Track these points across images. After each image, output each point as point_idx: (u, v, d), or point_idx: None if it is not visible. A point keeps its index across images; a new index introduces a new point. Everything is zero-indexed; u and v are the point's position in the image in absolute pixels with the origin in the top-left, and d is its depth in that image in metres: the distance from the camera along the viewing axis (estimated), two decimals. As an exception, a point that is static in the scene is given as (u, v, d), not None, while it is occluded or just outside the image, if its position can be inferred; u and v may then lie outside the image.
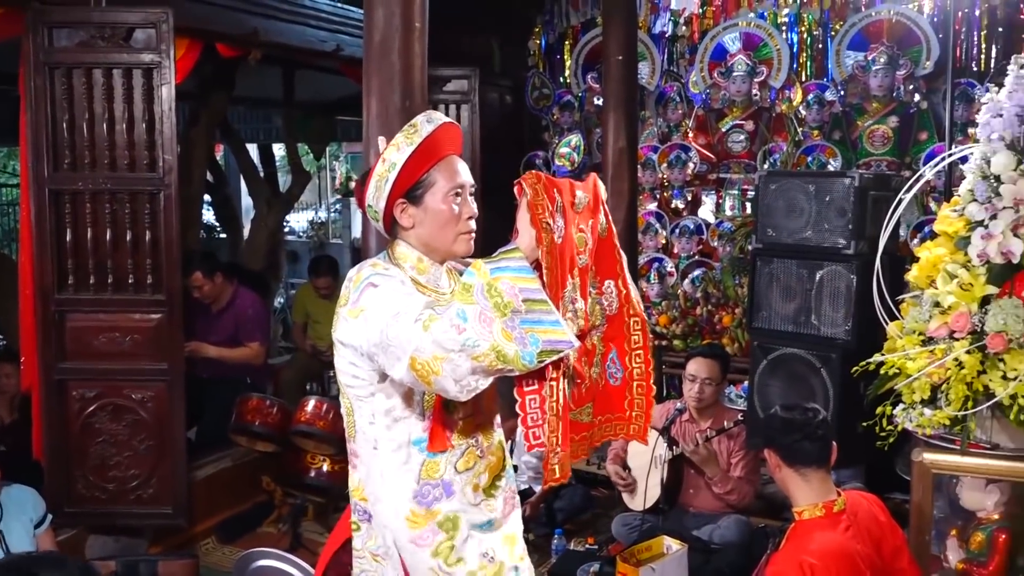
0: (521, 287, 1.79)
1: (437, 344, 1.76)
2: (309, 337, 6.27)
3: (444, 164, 2.07)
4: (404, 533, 2.07)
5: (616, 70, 5.35)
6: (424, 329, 1.77)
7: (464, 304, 1.77)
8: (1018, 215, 2.60)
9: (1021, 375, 2.52)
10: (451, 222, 2.07)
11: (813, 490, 2.56)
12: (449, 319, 1.76)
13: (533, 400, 1.97)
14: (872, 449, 2.91)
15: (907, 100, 5.91)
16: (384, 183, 2.03)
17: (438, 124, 2.03)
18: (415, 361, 1.78)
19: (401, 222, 2.07)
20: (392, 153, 2.02)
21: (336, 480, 4.74)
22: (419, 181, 2.04)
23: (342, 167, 14.87)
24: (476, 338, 1.75)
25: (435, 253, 2.11)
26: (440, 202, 2.05)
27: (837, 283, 3.82)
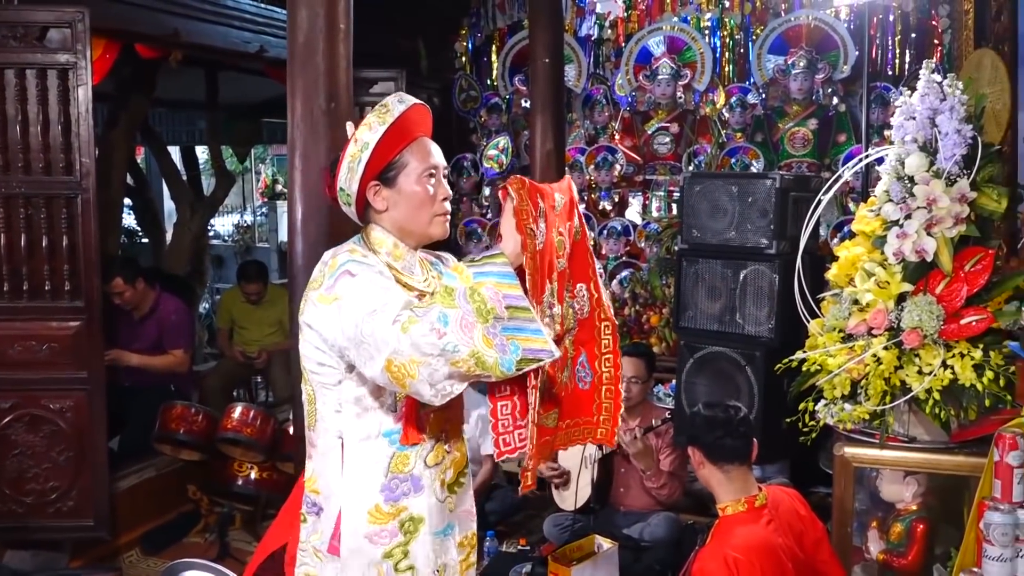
0: (504, 293, 1.78)
1: (415, 347, 1.73)
2: (235, 343, 6.17)
3: (417, 145, 2.03)
4: (361, 527, 2.00)
5: (543, 73, 5.38)
6: (403, 331, 1.74)
7: (446, 307, 1.75)
8: (931, 214, 2.68)
9: (935, 370, 2.60)
10: (426, 203, 2.03)
11: (735, 486, 2.62)
12: (429, 322, 1.73)
13: (505, 407, 1.97)
14: (796, 444, 2.97)
15: (826, 103, 6.06)
16: (357, 164, 1.98)
17: (410, 104, 2.00)
18: (391, 363, 1.75)
19: (375, 205, 2.03)
20: (364, 133, 1.98)
21: (264, 487, 4.68)
22: (392, 162, 2.00)
23: (268, 170, 14.65)
24: (456, 343, 1.73)
25: (410, 237, 2.07)
26: (414, 183, 2.02)
27: (760, 282, 3.89)
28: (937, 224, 2.68)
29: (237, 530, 4.70)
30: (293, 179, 3.27)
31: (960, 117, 2.70)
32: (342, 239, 3.22)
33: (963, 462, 2.68)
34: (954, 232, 2.69)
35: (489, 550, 4.18)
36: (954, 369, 2.60)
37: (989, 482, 2.25)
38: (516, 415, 1.98)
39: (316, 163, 3.18)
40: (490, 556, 4.15)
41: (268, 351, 6.00)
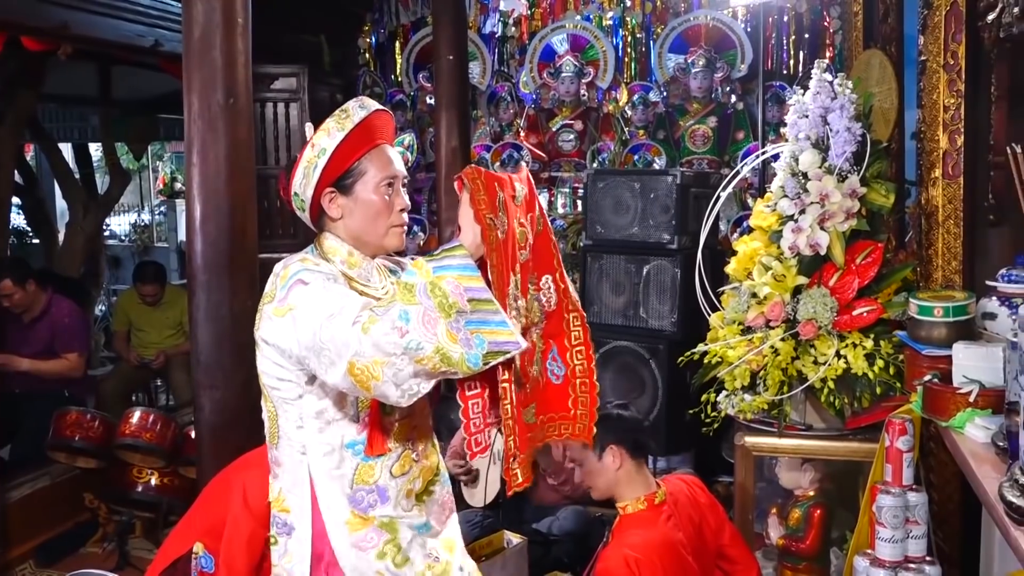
0: (466, 286, 1.73)
1: (377, 348, 1.68)
2: (133, 346, 5.98)
3: (376, 153, 1.98)
4: (345, 538, 1.96)
5: (447, 70, 5.36)
6: (363, 332, 1.68)
7: (406, 304, 1.69)
8: (824, 209, 2.77)
9: (830, 359, 2.69)
10: (383, 214, 1.98)
11: (639, 483, 2.66)
12: (390, 321, 1.68)
13: (476, 405, 1.90)
14: (699, 435, 3.04)
15: (725, 101, 6.19)
16: (313, 170, 1.92)
17: (371, 111, 1.95)
18: (353, 366, 1.70)
19: (330, 213, 1.97)
20: (322, 138, 1.93)
21: (166, 493, 4.55)
22: (349, 169, 1.95)
23: (166, 167, 14.24)
24: (420, 340, 1.67)
25: (365, 247, 2.01)
26: (371, 192, 1.96)
27: (663, 277, 3.96)
28: (829, 219, 2.77)
29: (137, 538, 4.56)
30: (191, 177, 3.18)
31: (850, 115, 2.79)
32: (242, 239, 3.19)
33: (857, 448, 2.77)
34: (845, 226, 2.78)
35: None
36: (847, 359, 2.69)
37: (880, 467, 2.34)
38: (486, 412, 1.92)
39: (215, 160, 3.11)
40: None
41: (167, 353, 5.84)
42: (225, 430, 3.19)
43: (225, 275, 3.16)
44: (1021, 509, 1.39)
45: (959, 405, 1.99)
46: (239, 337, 3.18)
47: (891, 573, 2.18)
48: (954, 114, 2.81)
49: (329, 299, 1.80)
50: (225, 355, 3.16)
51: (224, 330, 3.15)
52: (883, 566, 2.20)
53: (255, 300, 3.24)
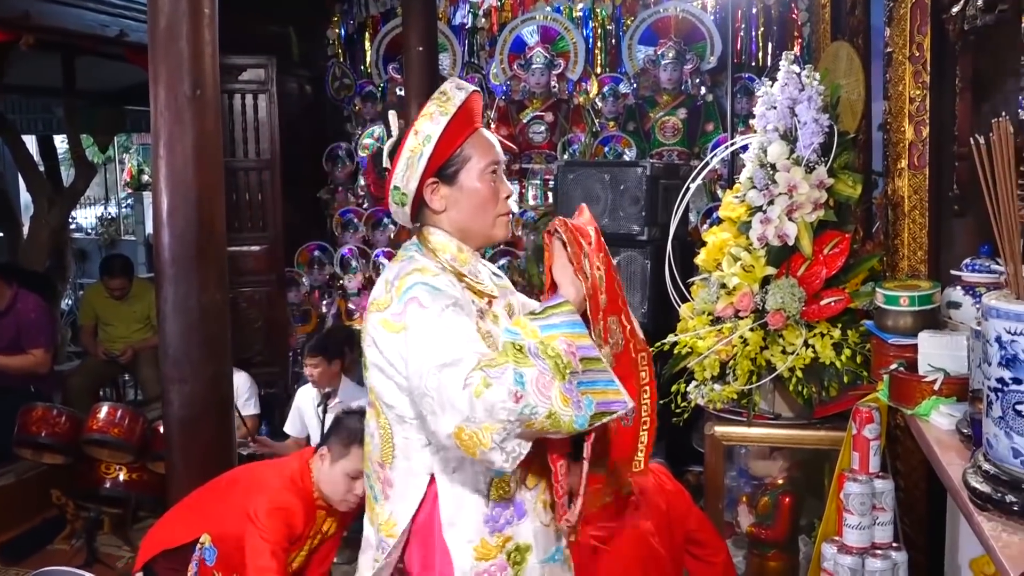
0: (578, 345, 1.64)
1: (490, 413, 1.57)
2: (101, 340, 5.92)
3: (477, 137, 1.86)
4: (468, 564, 1.81)
5: (417, 61, 5.35)
6: (476, 396, 1.57)
7: (520, 367, 1.58)
8: (792, 200, 2.78)
9: (798, 349, 2.71)
10: (490, 202, 1.86)
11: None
12: (506, 386, 1.57)
13: (563, 466, 1.81)
14: (670, 425, 3.05)
15: (694, 93, 6.23)
16: (418, 159, 1.79)
17: (470, 92, 1.83)
18: (462, 431, 1.59)
19: (432, 205, 1.85)
20: (426, 124, 1.79)
21: (135, 488, 4.51)
22: (453, 156, 1.82)
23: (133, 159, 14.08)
24: (535, 405, 1.58)
25: (472, 239, 1.89)
26: (476, 180, 1.84)
27: (633, 268, 3.98)
28: (797, 209, 2.79)
29: (106, 535, 4.52)
30: (158, 169, 3.15)
31: (818, 107, 2.81)
32: (211, 231, 3.17)
33: (824, 436, 2.80)
34: (813, 217, 2.80)
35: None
36: (815, 348, 2.71)
37: (848, 455, 2.36)
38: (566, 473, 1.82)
39: (182, 153, 3.09)
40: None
41: (135, 348, 5.79)
42: (194, 424, 3.17)
43: (193, 268, 3.13)
44: (985, 495, 1.41)
45: (924, 393, 2.01)
46: (208, 330, 3.16)
47: (858, 559, 2.21)
48: (919, 105, 2.84)
49: (445, 340, 1.66)
50: (194, 349, 3.14)
51: (192, 323, 3.13)
52: (850, 552, 2.22)
53: (224, 293, 3.24)
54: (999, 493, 1.39)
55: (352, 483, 2.78)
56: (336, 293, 6.64)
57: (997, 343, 1.35)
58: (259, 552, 2.61)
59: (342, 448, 2.78)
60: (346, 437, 2.79)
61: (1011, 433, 1.35)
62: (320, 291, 6.71)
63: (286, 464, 2.92)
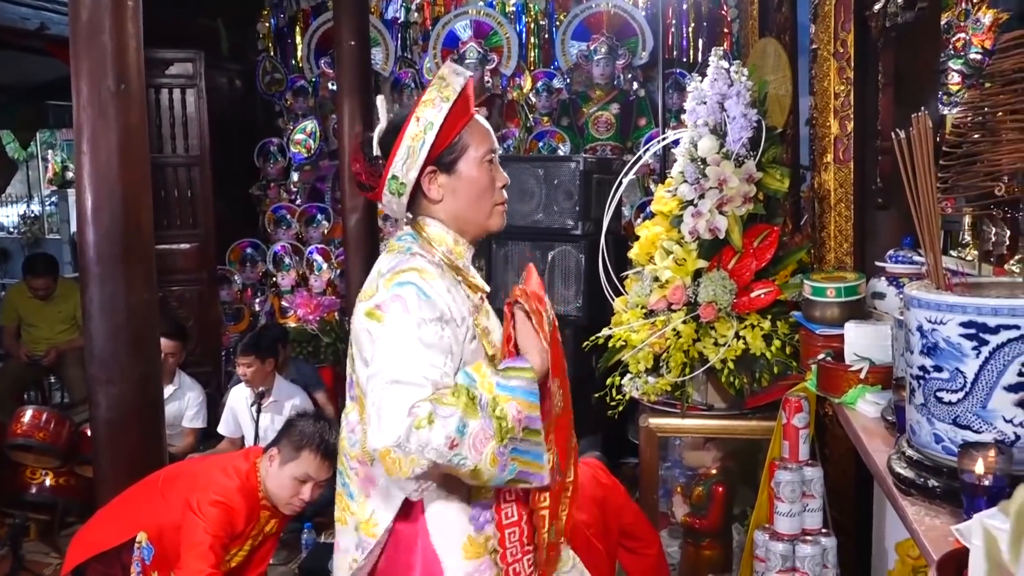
0: (526, 415, 1.64)
1: (422, 449, 1.57)
2: (24, 342, 5.75)
3: (474, 125, 1.82)
4: (459, 565, 1.79)
5: (349, 55, 5.29)
6: (416, 427, 1.56)
7: (466, 416, 1.58)
8: (722, 194, 2.82)
9: (729, 340, 2.75)
10: (488, 191, 1.83)
11: None
12: (446, 431, 1.56)
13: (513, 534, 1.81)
14: (605, 418, 3.08)
15: (627, 88, 6.27)
16: (420, 146, 1.74)
17: (467, 77, 1.79)
18: (389, 453, 1.58)
19: (430, 194, 1.81)
20: (428, 111, 1.74)
21: (62, 494, 4.39)
22: (451, 144, 1.78)
23: (56, 156, 13.69)
24: (464, 456, 1.59)
25: (468, 230, 1.85)
26: (474, 168, 1.81)
27: (567, 262, 4.00)
28: (728, 203, 2.83)
29: (32, 542, 4.39)
30: (82, 165, 3.07)
31: (746, 102, 2.85)
32: (137, 229, 3.09)
33: (756, 426, 2.85)
34: (743, 210, 2.85)
35: (307, 542, 4.11)
36: (746, 340, 2.76)
37: (778, 443, 2.41)
38: (524, 540, 1.82)
39: (106, 149, 3.01)
40: (308, 548, 4.08)
41: (59, 349, 5.64)
42: (122, 426, 3.10)
43: (120, 267, 3.06)
44: (908, 480, 1.45)
45: (851, 382, 2.05)
46: (135, 331, 3.09)
47: (789, 546, 2.25)
48: (844, 101, 2.91)
49: (410, 356, 1.64)
50: (121, 349, 3.07)
51: (120, 324, 3.05)
52: (781, 539, 2.27)
53: (152, 292, 3.17)
54: (922, 478, 1.42)
55: (300, 487, 2.75)
56: (269, 291, 6.56)
57: (919, 332, 1.39)
58: (197, 543, 2.56)
59: (292, 451, 2.75)
60: (298, 440, 2.75)
61: (932, 420, 1.38)
62: (253, 289, 6.61)
63: (231, 460, 2.87)
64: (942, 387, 1.36)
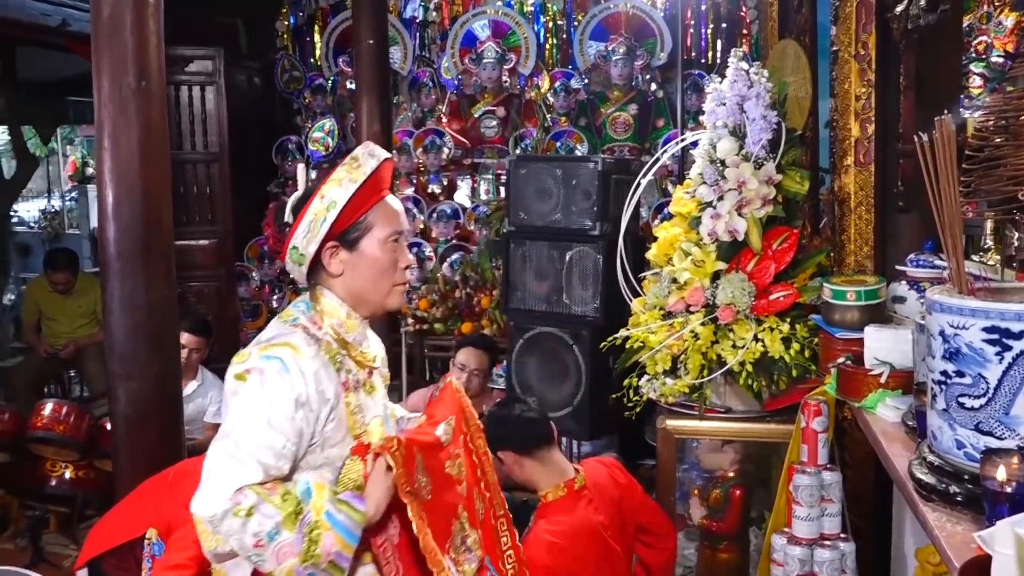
0: (337, 551, 1.70)
1: (230, 534, 1.65)
2: (44, 336, 5.80)
3: (383, 206, 1.86)
4: None
5: (368, 54, 5.30)
6: (234, 514, 1.64)
7: (283, 527, 1.66)
8: (741, 196, 2.82)
9: (748, 343, 2.74)
10: (388, 271, 1.86)
11: (552, 470, 2.65)
12: (257, 530, 1.65)
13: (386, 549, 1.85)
14: (622, 420, 3.07)
15: (645, 89, 6.26)
16: (320, 223, 1.78)
17: (381, 160, 1.84)
18: (201, 522, 1.68)
19: (330, 268, 1.84)
20: (333, 189, 1.79)
21: (81, 487, 4.43)
22: (356, 223, 1.82)
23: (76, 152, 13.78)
24: (264, 559, 1.67)
25: (365, 306, 1.89)
26: (377, 249, 1.84)
27: (585, 263, 3.98)
28: (747, 205, 2.82)
29: (52, 534, 4.43)
30: (102, 161, 3.09)
31: (766, 104, 2.85)
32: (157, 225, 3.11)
33: (774, 429, 2.84)
34: (762, 213, 2.84)
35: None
36: (765, 342, 2.75)
37: (797, 447, 2.40)
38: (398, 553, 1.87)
39: (127, 145, 3.02)
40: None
41: (78, 343, 5.68)
42: (141, 421, 3.11)
43: (140, 263, 3.07)
44: (929, 486, 1.44)
45: (871, 386, 2.05)
46: (155, 327, 3.11)
47: (807, 550, 2.25)
48: (865, 103, 2.89)
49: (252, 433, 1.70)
50: (140, 345, 3.09)
51: (139, 320, 3.07)
52: (799, 543, 2.26)
53: (171, 289, 3.19)
54: (943, 484, 1.42)
55: None
56: (287, 287, 6.58)
57: (941, 337, 1.38)
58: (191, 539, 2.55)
59: None
60: None
61: (954, 425, 1.38)
62: (270, 285, 6.64)
63: None
64: (964, 392, 1.35)
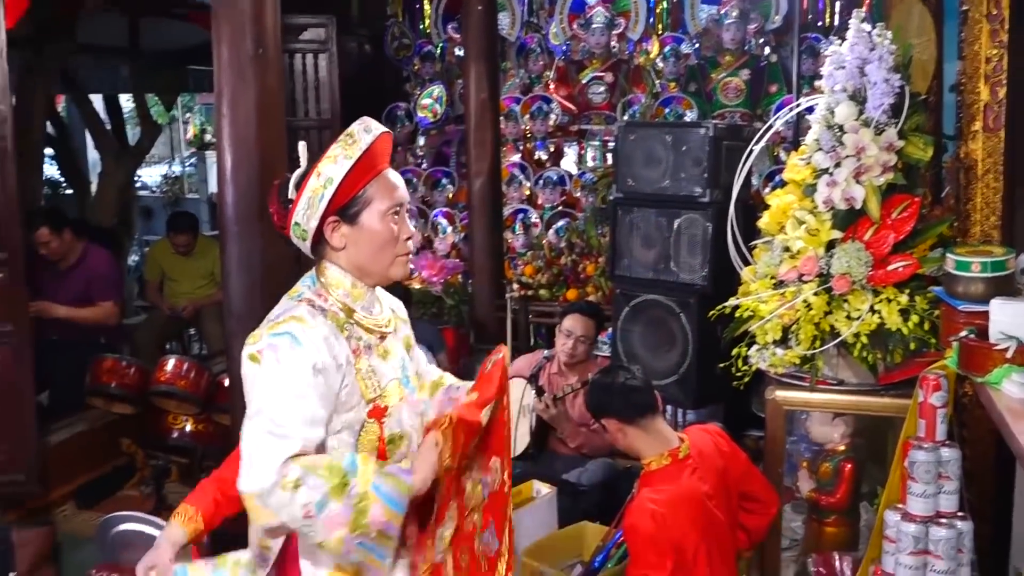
0: (385, 521, 1.75)
1: (280, 508, 1.69)
2: (165, 296, 6.06)
3: (381, 179, 1.90)
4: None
5: (476, 20, 5.32)
6: (281, 488, 1.68)
7: (331, 496, 1.69)
8: (859, 163, 2.72)
9: (863, 314, 2.67)
10: (389, 244, 1.90)
11: (657, 439, 2.65)
12: (304, 499, 1.68)
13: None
14: (729, 389, 3.03)
15: (758, 53, 6.11)
16: (319, 200, 1.84)
17: (376, 134, 1.88)
18: (252, 499, 1.71)
19: (332, 242, 1.90)
20: (328, 166, 1.84)
21: (200, 439, 4.64)
22: (355, 197, 1.87)
23: (195, 119, 14.28)
24: (315, 530, 1.71)
25: (369, 277, 1.94)
26: (377, 221, 1.89)
27: (694, 231, 3.93)
28: (865, 172, 2.73)
29: (174, 482, 4.64)
30: (221, 128, 3.20)
31: (888, 67, 2.73)
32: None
33: (889, 403, 2.76)
34: (882, 180, 2.74)
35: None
36: (881, 314, 2.66)
37: (914, 422, 2.33)
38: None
39: (245, 111, 3.12)
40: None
41: (197, 303, 5.92)
42: (258, 379, 3.22)
43: (256, 226, 3.18)
44: (1058, 465, 1.38)
45: (996, 361, 1.97)
46: (271, 287, 3.20)
47: (922, 527, 2.19)
48: (996, 65, 2.76)
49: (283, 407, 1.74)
50: (257, 305, 3.19)
51: (256, 280, 3.18)
52: (914, 520, 2.20)
53: (286, 250, 3.28)
54: (1074, 463, 1.36)
55: None
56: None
57: (1078, 310, 1.32)
58: None
59: None
60: None
61: (1089, 402, 1.31)
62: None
63: None
64: (1102, 369, 1.29)
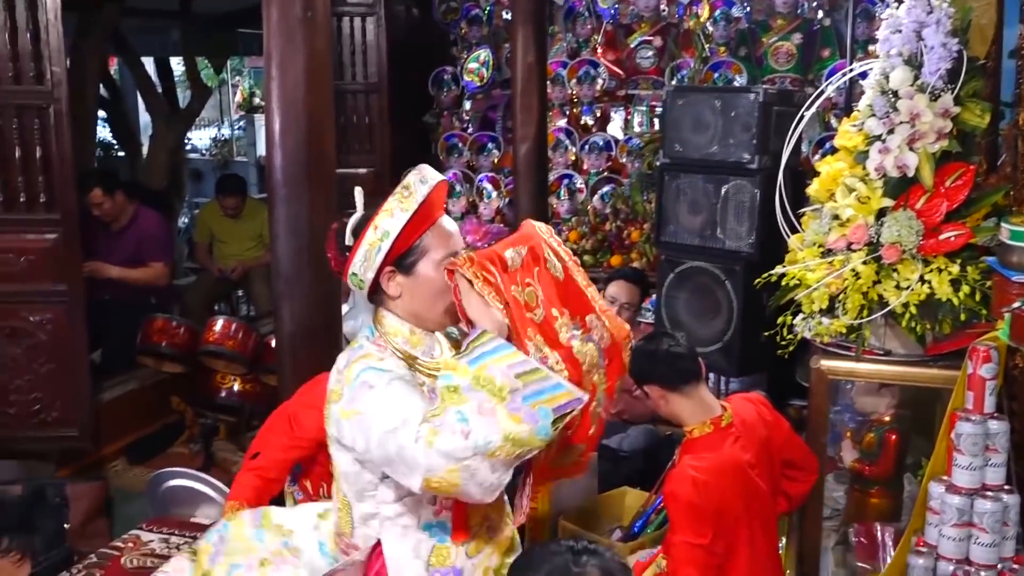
0: (508, 364, 1.68)
1: (448, 457, 1.64)
2: (215, 257, 6.15)
3: (436, 229, 1.90)
4: None
5: (524, -17, 5.27)
6: (428, 446, 1.65)
7: (459, 405, 1.66)
8: (913, 129, 2.67)
9: (913, 284, 2.63)
10: (444, 291, 1.86)
11: (699, 407, 2.63)
12: (450, 428, 1.64)
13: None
14: (773, 358, 3.02)
15: (811, 17, 5.98)
16: (376, 253, 1.84)
17: (432, 185, 1.86)
18: (429, 481, 1.68)
19: (388, 291, 1.90)
20: (385, 220, 1.84)
21: (248, 399, 4.74)
22: (411, 248, 1.87)
23: (245, 82, 14.37)
24: (486, 435, 1.64)
25: (425, 323, 1.94)
26: (433, 271, 1.87)
27: (741, 197, 3.89)
28: (919, 139, 2.68)
29: (221, 440, 4.76)
30: (270, 91, 3.20)
31: (946, 31, 2.67)
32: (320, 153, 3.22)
33: (936, 375, 2.72)
34: (936, 147, 2.69)
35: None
36: (931, 284, 2.62)
37: (962, 394, 2.31)
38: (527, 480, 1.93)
39: (293, 74, 3.13)
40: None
41: (246, 265, 5.99)
42: (305, 340, 3.27)
43: (304, 189, 3.20)
44: (1110, 439, 1.36)
45: (1049, 333, 1.94)
46: (318, 250, 3.21)
47: (967, 500, 2.17)
48: (1059, 30, 2.68)
49: (393, 407, 1.75)
50: (305, 268, 3.23)
51: (304, 243, 3.21)
52: (959, 492, 2.18)
53: (333, 215, 3.31)
54: None
55: None
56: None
57: None
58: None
59: None
60: None
61: None
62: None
63: None
64: None
